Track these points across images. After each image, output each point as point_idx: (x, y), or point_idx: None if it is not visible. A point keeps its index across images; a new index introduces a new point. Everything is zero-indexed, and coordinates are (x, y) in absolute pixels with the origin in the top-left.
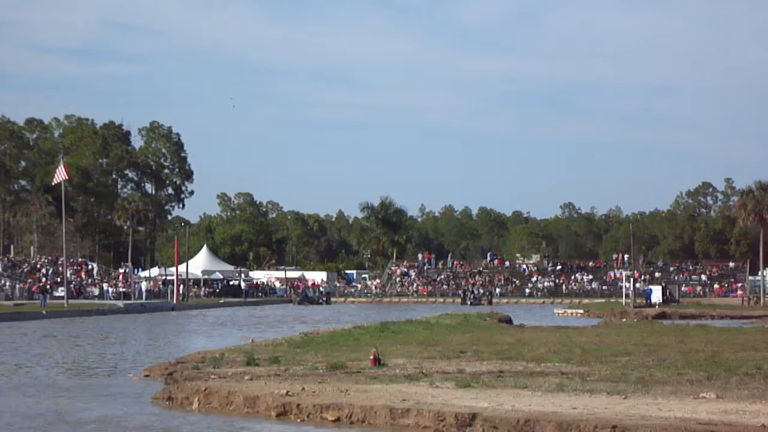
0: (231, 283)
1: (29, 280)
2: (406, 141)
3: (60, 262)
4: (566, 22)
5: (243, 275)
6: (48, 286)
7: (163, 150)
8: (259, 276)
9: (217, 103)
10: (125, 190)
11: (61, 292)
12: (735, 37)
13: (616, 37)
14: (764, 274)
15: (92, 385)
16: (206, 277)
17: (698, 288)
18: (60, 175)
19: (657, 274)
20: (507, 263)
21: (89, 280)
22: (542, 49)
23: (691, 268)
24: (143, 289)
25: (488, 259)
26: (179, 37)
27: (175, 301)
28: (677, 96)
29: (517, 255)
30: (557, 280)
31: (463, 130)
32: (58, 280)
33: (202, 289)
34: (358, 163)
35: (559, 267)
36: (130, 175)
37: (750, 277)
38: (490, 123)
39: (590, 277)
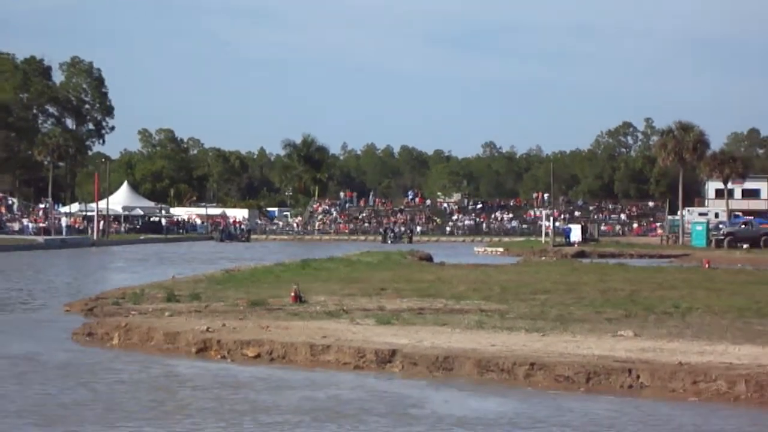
0: (152, 219)
1: None
2: (328, 79)
3: None
4: None
5: (164, 212)
6: None
7: (84, 85)
8: (180, 213)
9: (138, 37)
10: (46, 125)
11: None
12: None
13: None
14: (683, 213)
15: (11, 321)
16: (127, 213)
17: (617, 227)
18: None
19: (576, 213)
20: (428, 202)
21: (9, 216)
22: None
23: (610, 207)
24: (64, 224)
25: (410, 197)
26: None
27: (95, 237)
28: (598, 36)
29: (439, 194)
30: (478, 219)
31: (386, 69)
32: None
33: (123, 225)
34: (281, 100)
35: (479, 206)
36: (50, 110)
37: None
38: (413, 62)
39: (510, 215)
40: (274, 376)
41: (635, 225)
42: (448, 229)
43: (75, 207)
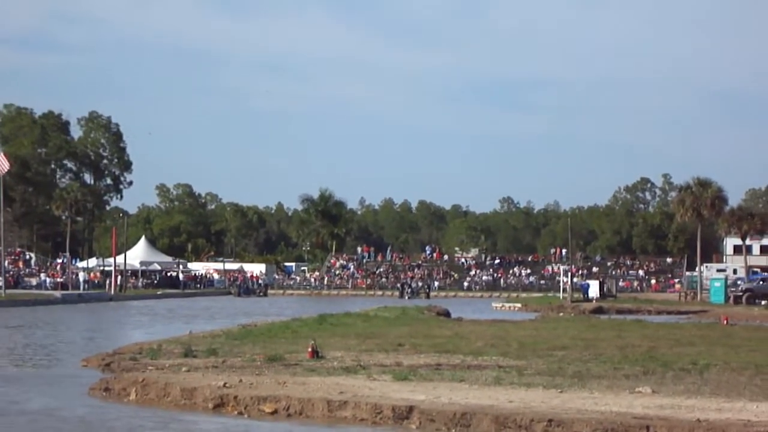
0: (169, 274)
1: None
2: (346, 133)
3: None
4: (507, 17)
5: (181, 267)
6: None
7: (102, 140)
8: (198, 267)
9: (157, 93)
10: (64, 180)
11: None
12: (672, 31)
13: (555, 32)
14: (701, 269)
15: (28, 376)
16: (144, 268)
17: (635, 283)
18: (1, 165)
19: (594, 269)
20: (446, 257)
21: (27, 270)
22: (483, 44)
23: (628, 263)
24: (81, 279)
25: (427, 252)
26: (119, 26)
27: (112, 292)
28: (616, 91)
29: (456, 248)
30: (495, 274)
31: (404, 124)
32: None
33: (140, 280)
34: (298, 155)
35: (497, 261)
36: (68, 165)
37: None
38: (431, 117)
39: (528, 271)
40: None
41: (653, 281)
42: (465, 284)
43: (93, 262)
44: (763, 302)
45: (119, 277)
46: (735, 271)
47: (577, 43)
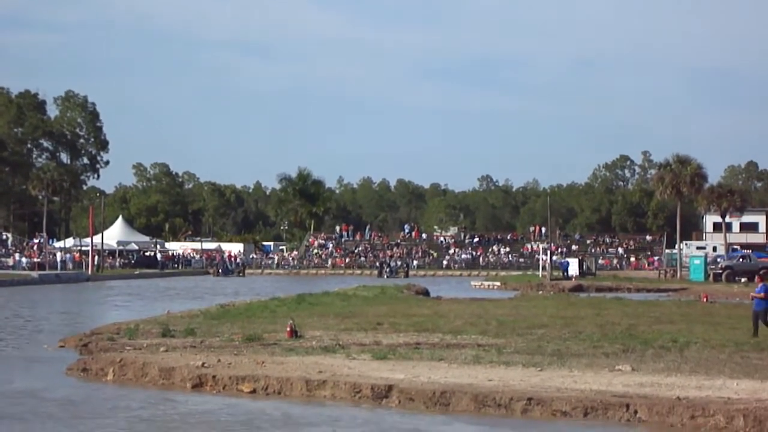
0: (146, 254)
1: None
2: (324, 112)
3: None
4: None
5: (159, 246)
6: None
7: (79, 119)
8: (175, 247)
9: (132, 71)
10: (40, 159)
11: None
12: (652, 9)
13: (535, 9)
14: (681, 247)
15: (6, 357)
16: (122, 248)
17: (615, 261)
18: None
19: (574, 247)
20: (425, 235)
21: (3, 251)
22: (463, 21)
23: (607, 241)
24: (59, 259)
25: (406, 231)
26: (96, 3)
27: (90, 272)
28: (596, 68)
29: (435, 227)
30: (474, 253)
31: (382, 102)
32: None
33: (118, 260)
34: (277, 133)
35: (476, 239)
36: (45, 144)
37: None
38: (410, 95)
39: (507, 249)
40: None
41: (633, 259)
42: (444, 263)
43: (70, 242)
44: (742, 279)
45: (96, 257)
46: (715, 249)
47: (556, 22)
